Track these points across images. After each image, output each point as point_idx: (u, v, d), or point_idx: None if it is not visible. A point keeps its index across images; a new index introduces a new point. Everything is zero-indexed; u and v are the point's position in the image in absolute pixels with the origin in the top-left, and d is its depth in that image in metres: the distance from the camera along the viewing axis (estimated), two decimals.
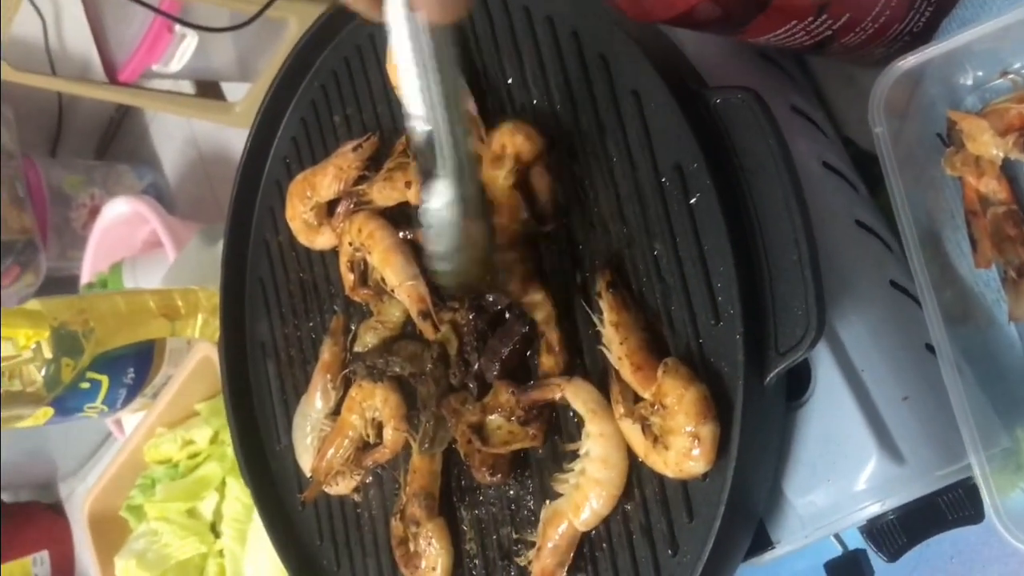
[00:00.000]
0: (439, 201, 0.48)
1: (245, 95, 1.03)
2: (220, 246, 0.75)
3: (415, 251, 0.61)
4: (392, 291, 0.61)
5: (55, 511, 1.47)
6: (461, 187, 0.48)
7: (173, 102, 1.10)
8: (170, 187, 1.38)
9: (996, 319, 0.52)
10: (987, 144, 0.49)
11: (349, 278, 0.64)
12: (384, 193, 0.62)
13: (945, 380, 0.48)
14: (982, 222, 0.51)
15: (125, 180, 1.39)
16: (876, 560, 0.54)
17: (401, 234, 0.62)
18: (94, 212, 1.31)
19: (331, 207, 0.66)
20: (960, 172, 0.51)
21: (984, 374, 0.51)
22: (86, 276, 1.25)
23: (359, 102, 0.66)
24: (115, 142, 1.48)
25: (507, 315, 0.58)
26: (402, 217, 0.63)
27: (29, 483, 1.51)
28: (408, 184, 0.60)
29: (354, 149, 0.63)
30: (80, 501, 1.02)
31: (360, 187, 0.63)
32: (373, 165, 0.64)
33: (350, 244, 0.63)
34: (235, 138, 1.18)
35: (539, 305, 0.56)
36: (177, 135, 1.36)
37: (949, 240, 0.52)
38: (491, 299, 0.59)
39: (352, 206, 0.64)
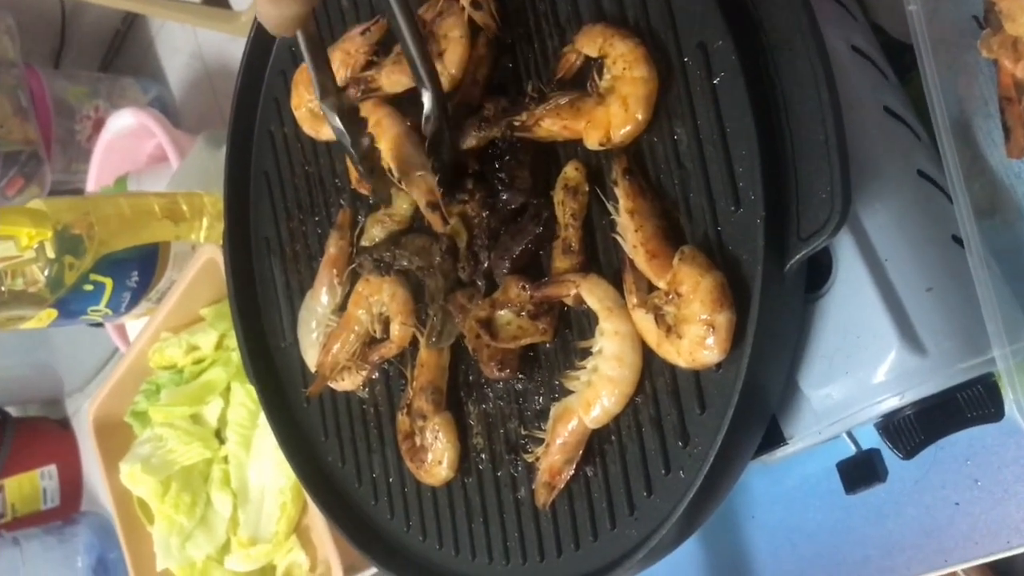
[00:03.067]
0: None
1: (251, 4, 1.01)
2: (224, 150, 0.73)
3: (424, 140, 0.59)
4: (400, 182, 0.60)
5: (62, 426, 1.48)
6: None
7: (178, 10, 1.07)
8: (175, 101, 1.36)
9: None
10: None
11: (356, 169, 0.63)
12: (393, 78, 0.60)
13: (972, 272, 0.46)
14: (1016, 109, 0.48)
15: (130, 93, 1.37)
16: (890, 461, 0.53)
17: (410, 122, 0.60)
18: (98, 125, 1.29)
19: None
20: (996, 55, 0.48)
21: (1010, 269, 0.49)
22: (91, 189, 1.24)
23: None
24: (120, 55, 1.46)
25: (521, 214, 0.57)
26: (411, 104, 0.61)
27: (37, 399, 1.52)
28: None
29: (362, 33, 0.61)
30: (87, 416, 1.02)
31: (368, 73, 0.61)
32: (382, 50, 0.62)
33: None
34: (241, 50, 1.16)
35: (577, 187, 0.54)
36: (183, 48, 1.33)
37: (980, 129, 0.50)
38: (506, 197, 0.57)
39: (360, 93, 0.61)
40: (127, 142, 1.22)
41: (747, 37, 0.47)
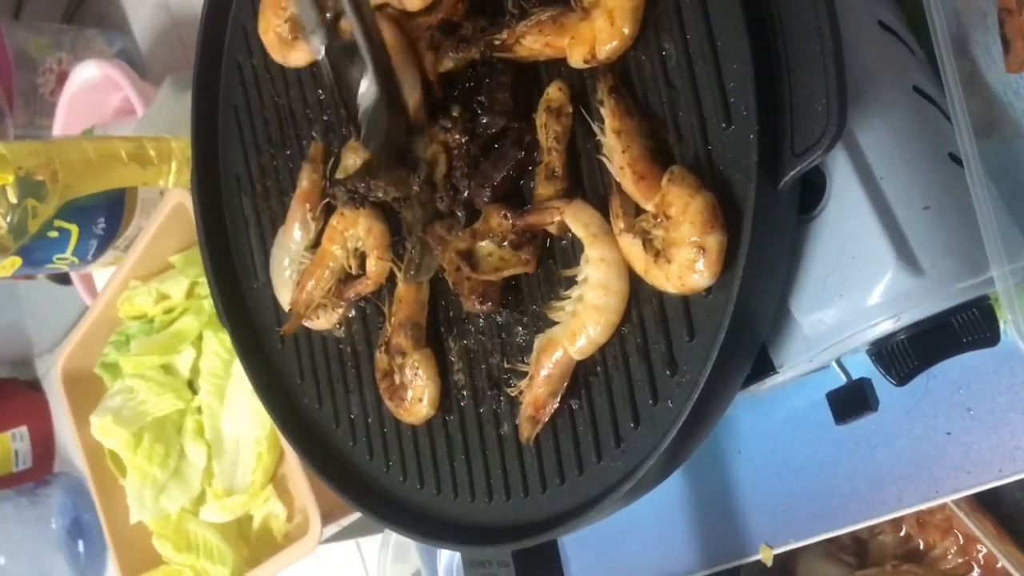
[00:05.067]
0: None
1: None
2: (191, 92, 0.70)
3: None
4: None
5: (33, 388, 1.46)
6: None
7: None
8: (141, 53, 1.32)
9: None
10: None
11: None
12: None
13: (971, 191, 0.45)
14: (1017, 21, 0.47)
15: (94, 45, 1.32)
16: (881, 390, 0.51)
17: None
18: (62, 78, 1.25)
19: None
20: None
21: (1008, 189, 0.47)
22: None
23: None
24: (83, 6, 1.41)
25: (501, 139, 0.54)
26: None
27: (6, 360, 1.49)
28: None
29: None
30: (57, 375, 0.99)
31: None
32: None
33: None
34: None
35: (560, 109, 0.51)
36: None
37: (978, 44, 0.49)
38: (485, 121, 0.54)
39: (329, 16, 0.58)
40: (92, 95, 1.19)
41: None
